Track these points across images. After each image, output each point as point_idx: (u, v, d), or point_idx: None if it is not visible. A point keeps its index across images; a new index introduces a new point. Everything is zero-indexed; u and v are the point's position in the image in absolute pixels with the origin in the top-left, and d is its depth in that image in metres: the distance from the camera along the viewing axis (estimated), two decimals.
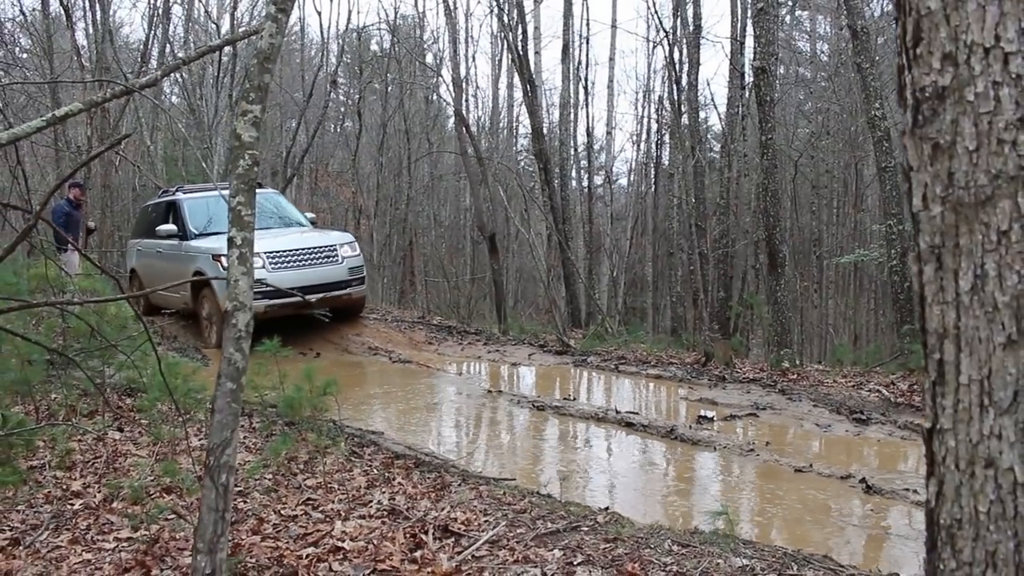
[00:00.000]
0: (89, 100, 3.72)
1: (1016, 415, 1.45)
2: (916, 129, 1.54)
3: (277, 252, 11.39)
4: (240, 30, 8.27)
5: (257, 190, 13.54)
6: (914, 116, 1.54)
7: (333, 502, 5.27)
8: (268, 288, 10.61)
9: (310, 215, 13.70)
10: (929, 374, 1.57)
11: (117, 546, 4.61)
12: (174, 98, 26.19)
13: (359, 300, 12.48)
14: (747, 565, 4.31)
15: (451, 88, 18.80)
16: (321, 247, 11.79)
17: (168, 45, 19.78)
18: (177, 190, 13.19)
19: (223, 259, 9.96)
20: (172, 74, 22.32)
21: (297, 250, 11.57)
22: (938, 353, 1.54)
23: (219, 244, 10.63)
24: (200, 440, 6.01)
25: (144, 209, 14.76)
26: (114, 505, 5.17)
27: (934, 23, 1.52)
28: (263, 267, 11.04)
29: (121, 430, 6.67)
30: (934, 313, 1.54)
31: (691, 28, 17.29)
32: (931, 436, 1.57)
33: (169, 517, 4.95)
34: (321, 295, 11.30)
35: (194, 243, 11.91)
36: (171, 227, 12.20)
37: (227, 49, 19.94)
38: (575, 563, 4.28)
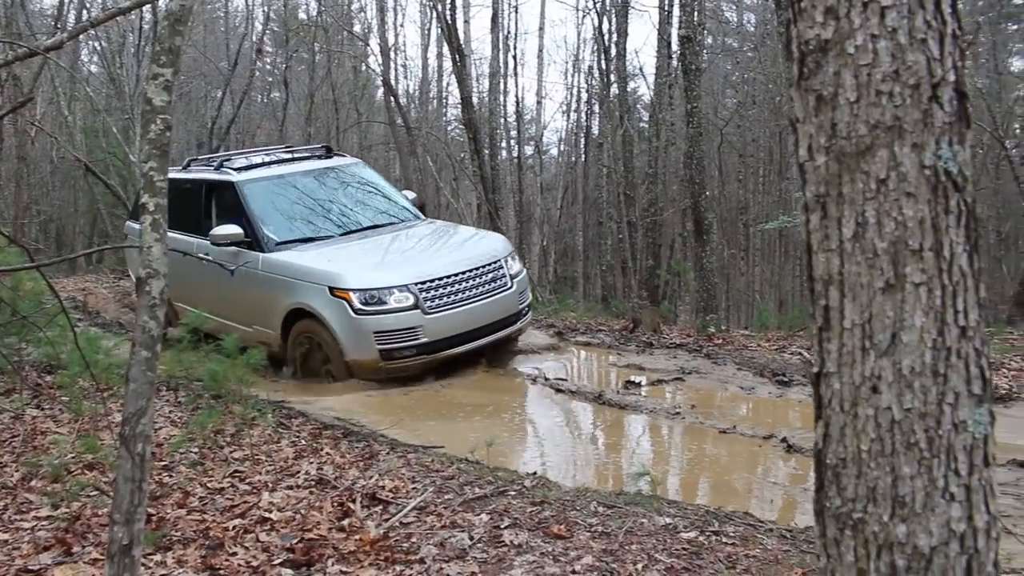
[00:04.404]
0: None
1: (894, 356, 1.53)
2: (801, 81, 1.60)
3: (432, 283, 7.61)
4: None
5: (335, 159, 9.73)
6: (800, 69, 1.60)
7: (260, 474, 5.24)
8: (424, 341, 7.53)
9: (409, 194, 9.96)
10: (816, 320, 1.64)
11: (36, 525, 4.52)
12: (92, 67, 25.35)
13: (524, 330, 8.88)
14: (670, 524, 4.42)
15: (379, 58, 18.60)
16: (486, 266, 8.05)
17: (85, 11, 19.10)
18: (222, 163, 9.08)
19: (353, 295, 7.38)
20: (90, 42, 21.63)
21: (458, 276, 7.78)
22: (824, 299, 1.61)
23: (334, 266, 7.64)
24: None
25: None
26: (32, 484, 5.05)
27: None
28: (415, 307, 7.47)
29: (40, 407, 6.51)
30: (820, 260, 1.60)
31: None
32: (818, 380, 1.64)
33: (91, 494, 4.87)
34: (489, 338, 8.03)
35: (281, 258, 7.96)
36: (231, 230, 8.10)
37: (147, 16, 19.34)
38: (502, 526, 4.34)
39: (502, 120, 23.00)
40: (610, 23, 18.15)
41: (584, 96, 24.20)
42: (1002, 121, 16.45)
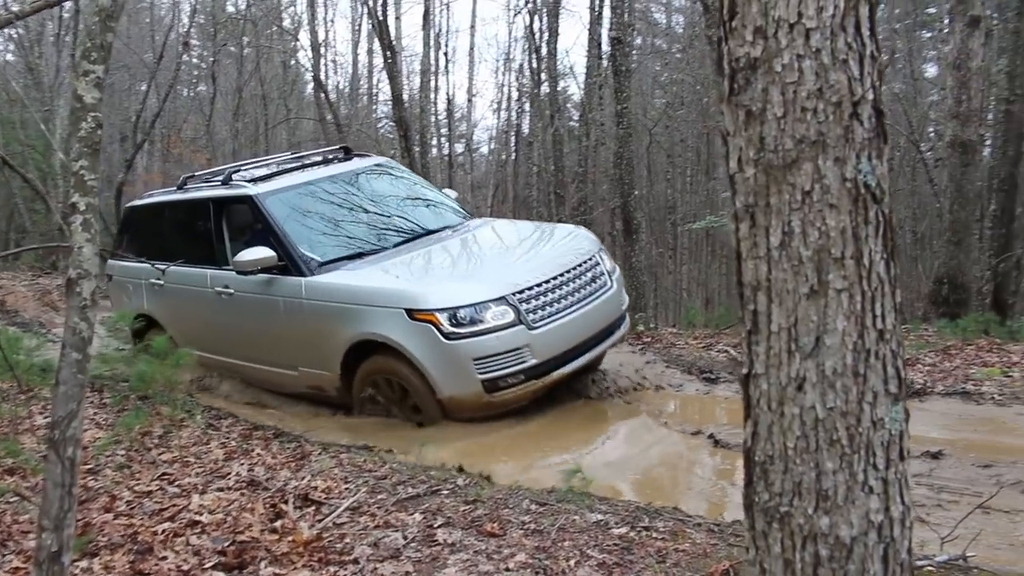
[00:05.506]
0: None
1: (818, 359, 1.63)
2: (732, 97, 1.68)
3: (531, 291, 6.28)
4: None
5: (358, 160, 8.24)
6: (730, 85, 1.68)
7: (190, 476, 5.17)
8: (533, 363, 6.21)
9: (451, 192, 8.52)
10: (745, 324, 1.72)
11: None
12: (9, 56, 24.52)
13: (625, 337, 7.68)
14: (601, 520, 4.49)
15: (309, 53, 18.39)
16: (583, 265, 6.74)
17: (3, 1, 18.46)
18: (230, 176, 7.57)
19: (440, 316, 6.00)
20: (5, 30, 20.90)
21: (557, 280, 6.46)
22: (753, 304, 1.69)
23: (406, 283, 6.37)
24: (45, 418, 5.76)
25: (141, 211, 8.41)
26: None
27: None
28: (518, 323, 6.14)
29: None
30: (749, 267, 1.69)
31: None
32: (747, 381, 1.73)
33: (11, 500, 4.73)
34: (596, 351, 6.82)
35: (331, 281, 6.58)
36: (262, 253, 6.64)
37: (68, 5, 18.79)
38: (435, 525, 4.35)
39: (433, 118, 23.00)
40: (541, 22, 18.35)
41: (515, 95, 24.37)
42: (917, 125, 17.08)
